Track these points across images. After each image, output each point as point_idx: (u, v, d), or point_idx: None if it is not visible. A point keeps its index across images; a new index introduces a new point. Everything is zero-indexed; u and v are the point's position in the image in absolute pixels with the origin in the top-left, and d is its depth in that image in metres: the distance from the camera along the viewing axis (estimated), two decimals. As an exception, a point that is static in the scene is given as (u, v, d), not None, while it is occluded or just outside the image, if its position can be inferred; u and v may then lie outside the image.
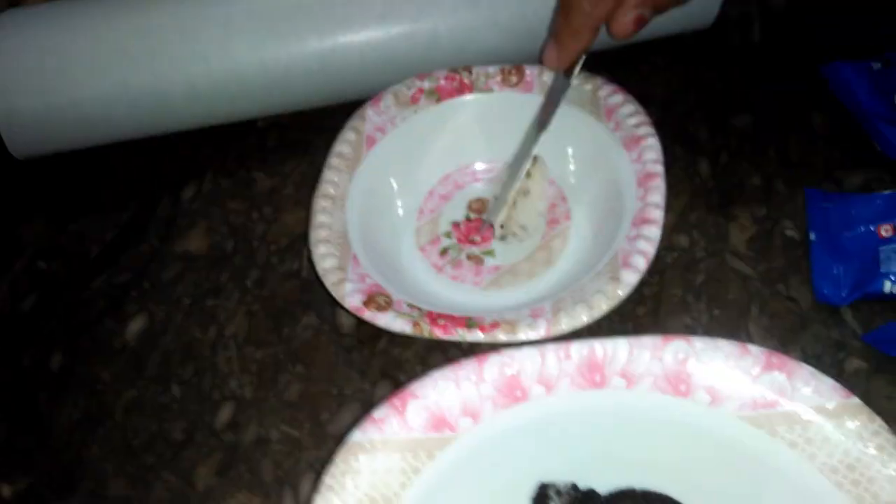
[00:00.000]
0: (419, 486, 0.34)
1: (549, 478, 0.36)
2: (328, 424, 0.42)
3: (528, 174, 0.47)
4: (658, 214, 0.41)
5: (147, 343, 0.47)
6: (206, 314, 0.48)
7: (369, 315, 0.40)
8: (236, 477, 0.41)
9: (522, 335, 0.38)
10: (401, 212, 0.49)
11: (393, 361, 0.44)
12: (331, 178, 0.45)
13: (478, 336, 0.38)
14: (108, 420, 0.44)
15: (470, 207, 0.50)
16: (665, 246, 0.46)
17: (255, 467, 0.41)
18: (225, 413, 0.43)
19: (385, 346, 0.44)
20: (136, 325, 0.48)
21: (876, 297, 0.42)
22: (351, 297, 0.40)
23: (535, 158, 0.47)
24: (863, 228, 0.44)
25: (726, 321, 0.43)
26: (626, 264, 0.39)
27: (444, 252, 0.48)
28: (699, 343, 0.34)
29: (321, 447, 0.41)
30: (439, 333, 0.39)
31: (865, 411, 0.32)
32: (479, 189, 0.50)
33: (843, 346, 0.41)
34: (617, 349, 0.35)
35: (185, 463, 0.42)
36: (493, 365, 0.35)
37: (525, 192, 0.47)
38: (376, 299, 0.40)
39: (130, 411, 0.44)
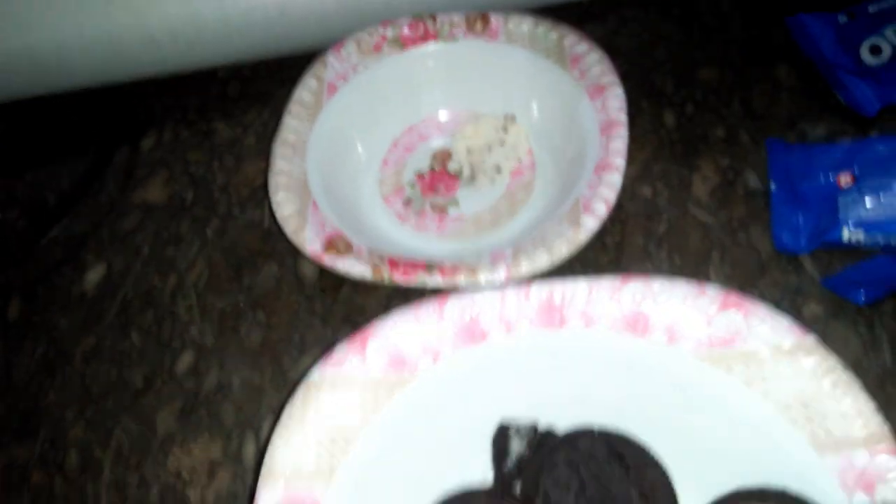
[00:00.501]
0: (378, 425, 0.34)
1: (509, 417, 0.36)
2: (290, 371, 0.42)
3: (505, 129, 0.47)
4: (620, 161, 0.41)
5: (106, 291, 0.46)
6: (166, 263, 0.47)
7: (328, 260, 0.39)
8: (197, 421, 0.41)
9: (483, 279, 0.38)
10: (363, 161, 0.48)
11: (355, 309, 0.44)
12: (291, 125, 0.45)
13: (438, 280, 0.38)
14: (67, 367, 0.44)
15: (434, 158, 0.49)
16: (628, 196, 0.46)
17: (217, 412, 0.41)
18: (185, 360, 0.43)
19: (347, 295, 0.44)
20: (94, 274, 0.47)
21: (835, 246, 0.42)
22: (311, 243, 0.40)
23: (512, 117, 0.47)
24: (823, 178, 0.44)
25: (687, 268, 0.43)
26: (587, 209, 0.39)
27: (407, 202, 0.47)
28: (657, 284, 0.34)
29: (283, 393, 0.41)
30: (399, 278, 0.38)
31: (821, 349, 0.32)
32: (443, 140, 0.50)
33: (801, 291, 0.41)
34: (576, 290, 0.35)
35: (146, 408, 0.42)
36: (454, 305, 0.35)
37: (502, 142, 0.47)
38: (336, 245, 0.40)
39: (89, 359, 0.44)
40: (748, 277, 0.42)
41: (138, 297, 0.46)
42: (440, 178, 0.48)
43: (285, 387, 0.41)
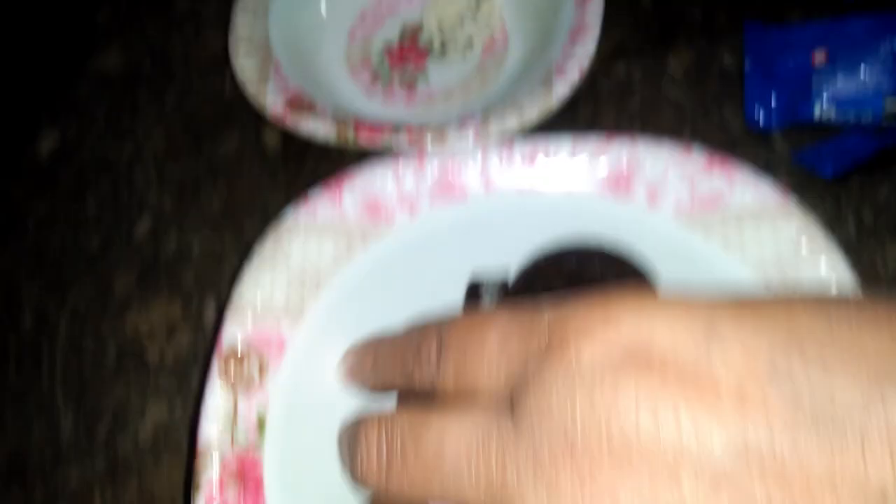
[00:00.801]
0: (350, 272, 0.33)
1: (480, 271, 0.35)
2: (252, 238, 0.41)
3: (477, 1, 0.46)
4: (595, 29, 0.40)
5: (61, 160, 0.45)
6: (123, 132, 0.45)
7: (292, 120, 0.38)
8: (156, 285, 0.40)
9: (450, 141, 0.37)
10: (327, 27, 0.47)
11: (319, 179, 0.42)
12: (254, -14, 0.43)
13: (404, 142, 0.37)
14: (22, 234, 0.42)
15: (403, 31, 0.48)
16: (602, 73, 0.45)
17: (176, 276, 0.40)
18: (143, 226, 0.42)
19: (312, 165, 0.43)
20: (48, 143, 0.45)
21: (807, 123, 0.42)
22: (273, 103, 0.39)
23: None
24: (797, 57, 0.43)
25: (658, 145, 0.43)
26: (560, 73, 0.38)
27: (375, 77, 0.46)
28: (642, 142, 0.34)
29: (244, 259, 0.40)
30: (364, 140, 0.37)
31: (801, 214, 0.32)
32: (413, 13, 0.48)
33: (771, 167, 0.41)
34: (560, 147, 0.34)
35: (103, 272, 0.41)
36: (434, 161, 0.34)
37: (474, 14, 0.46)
38: (299, 104, 0.38)
39: (44, 225, 0.43)
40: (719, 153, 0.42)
41: (94, 165, 0.44)
42: (409, 51, 0.47)
43: (247, 253, 0.40)
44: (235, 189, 0.43)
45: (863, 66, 0.41)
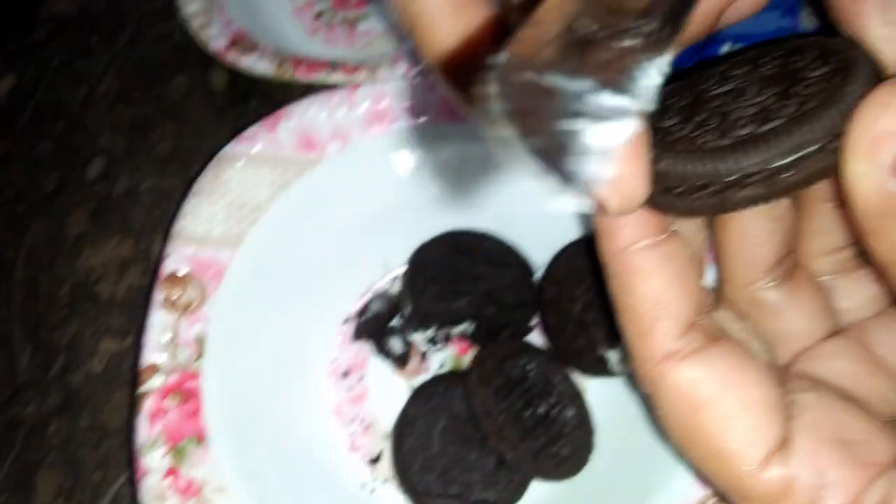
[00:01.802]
0: (287, 200, 0.35)
1: (412, 208, 0.37)
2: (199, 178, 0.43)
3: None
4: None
5: (16, 102, 0.46)
6: (77, 74, 0.47)
7: (233, 57, 0.40)
8: (108, 223, 0.42)
9: (385, 75, 0.38)
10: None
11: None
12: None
13: (341, 78, 0.39)
14: (-23, 174, 0.44)
15: (349, -27, 0.49)
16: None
17: (127, 215, 0.42)
18: (96, 166, 0.44)
19: (257, 105, 0.45)
20: (5, 85, 0.47)
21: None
22: (215, 40, 0.40)
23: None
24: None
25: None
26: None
27: (318, 16, 0.47)
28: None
29: (191, 195, 0.42)
30: (302, 75, 0.39)
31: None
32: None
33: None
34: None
35: (58, 211, 0.42)
36: (366, 92, 0.36)
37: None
38: (241, 42, 0.40)
39: (0, 166, 0.44)
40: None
41: (49, 107, 0.46)
42: (354, -9, 0.48)
43: (194, 189, 0.42)
44: (184, 130, 0.44)
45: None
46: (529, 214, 0.37)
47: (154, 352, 0.32)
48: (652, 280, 0.21)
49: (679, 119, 0.22)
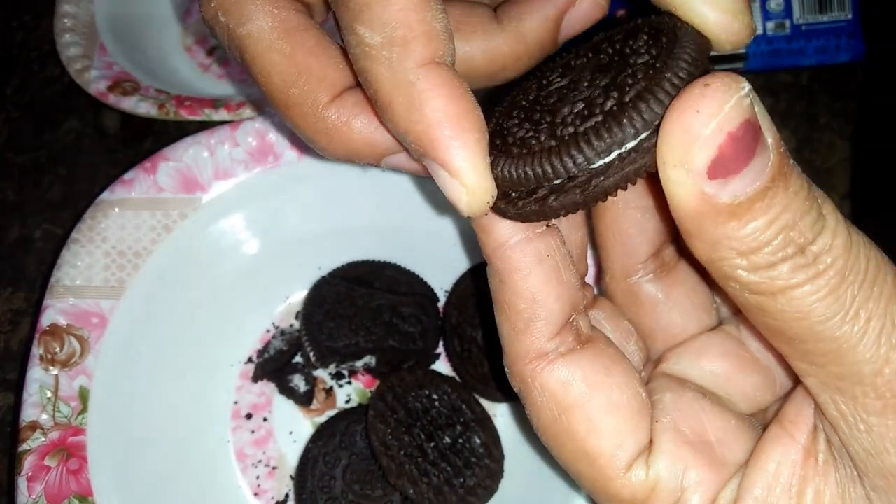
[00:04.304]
0: (171, 243, 0.34)
1: (311, 241, 0.37)
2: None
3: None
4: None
5: None
6: (-37, 124, 0.45)
7: (114, 100, 0.39)
8: (0, 274, 0.41)
9: (268, 110, 0.38)
10: (163, 8, 0.47)
11: (159, 158, 0.43)
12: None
13: (224, 115, 0.38)
14: None
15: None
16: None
17: (19, 264, 0.41)
18: (-14, 218, 0.42)
19: (151, 145, 0.44)
20: None
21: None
22: (95, 83, 0.39)
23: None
24: None
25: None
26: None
27: (211, 51, 0.46)
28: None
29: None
30: (185, 114, 0.38)
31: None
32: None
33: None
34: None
35: (-56, 267, 0.41)
36: (247, 130, 0.35)
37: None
38: (122, 85, 0.39)
39: None
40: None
41: (-66, 159, 0.44)
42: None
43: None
44: (76, 174, 0.43)
45: None
46: (431, 240, 0.37)
47: (33, 408, 0.31)
48: (529, 277, 0.21)
49: (520, 118, 0.21)
